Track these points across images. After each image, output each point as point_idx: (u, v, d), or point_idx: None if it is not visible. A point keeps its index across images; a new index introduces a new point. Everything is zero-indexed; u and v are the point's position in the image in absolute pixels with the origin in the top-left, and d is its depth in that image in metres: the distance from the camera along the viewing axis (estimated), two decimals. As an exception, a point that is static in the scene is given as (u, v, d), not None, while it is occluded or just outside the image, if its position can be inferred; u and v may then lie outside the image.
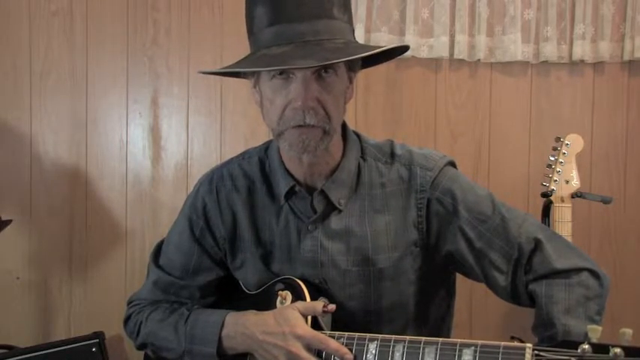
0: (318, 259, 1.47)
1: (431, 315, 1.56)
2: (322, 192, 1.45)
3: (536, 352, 1.09)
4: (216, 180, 1.57)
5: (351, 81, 1.45)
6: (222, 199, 1.55)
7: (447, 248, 1.45)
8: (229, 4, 2.76)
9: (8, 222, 2.48)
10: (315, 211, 1.46)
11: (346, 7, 1.38)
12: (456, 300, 1.63)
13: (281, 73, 1.34)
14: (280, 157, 1.49)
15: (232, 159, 1.60)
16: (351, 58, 1.31)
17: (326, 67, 1.33)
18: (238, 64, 1.38)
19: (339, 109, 1.40)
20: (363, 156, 1.49)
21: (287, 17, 1.31)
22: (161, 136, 2.83)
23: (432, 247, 1.47)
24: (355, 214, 1.46)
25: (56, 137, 2.82)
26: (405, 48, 1.44)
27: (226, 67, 1.40)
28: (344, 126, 1.49)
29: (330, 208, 1.46)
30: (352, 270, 1.46)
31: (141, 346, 1.63)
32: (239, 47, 1.42)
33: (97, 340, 2.56)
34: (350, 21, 1.40)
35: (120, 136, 2.83)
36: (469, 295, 2.71)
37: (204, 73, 1.47)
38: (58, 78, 2.80)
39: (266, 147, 1.57)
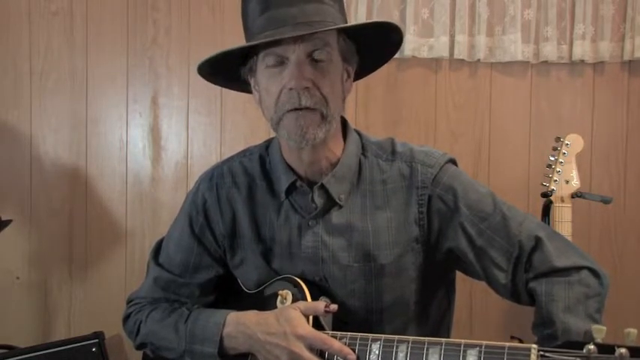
0: (319, 254, 1.47)
1: (431, 312, 1.56)
2: (322, 186, 1.45)
3: (541, 352, 1.08)
4: (216, 177, 1.57)
5: (349, 74, 1.46)
6: (222, 196, 1.55)
7: (448, 245, 1.45)
8: (229, 4, 2.76)
9: (8, 222, 2.48)
10: (315, 207, 1.46)
11: None
12: (456, 297, 1.63)
13: (275, 63, 1.35)
14: (281, 154, 1.49)
15: (233, 156, 1.61)
16: (339, 27, 1.35)
17: (320, 52, 1.34)
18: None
19: (335, 95, 1.39)
20: (364, 153, 1.50)
21: (277, 3, 1.33)
22: (161, 136, 2.82)
23: (432, 244, 1.47)
24: (356, 210, 1.47)
25: (56, 137, 2.82)
26: (394, 28, 1.42)
27: (217, 52, 1.39)
28: (345, 123, 1.50)
29: (331, 203, 1.46)
30: (354, 266, 1.46)
31: (140, 346, 1.63)
32: (239, 47, 1.42)
33: (97, 340, 2.57)
34: (341, 11, 1.41)
35: (120, 136, 2.83)
36: (469, 293, 2.71)
37: (200, 69, 1.43)
38: (58, 78, 2.80)
39: (267, 144, 1.57)
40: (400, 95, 2.78)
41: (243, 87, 1.50)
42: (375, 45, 1.46)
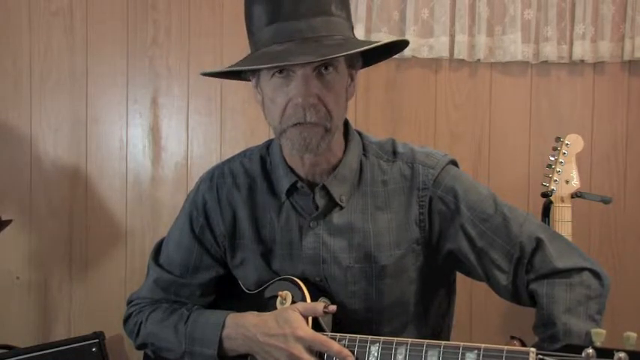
0: (320, 255, 1.47)
1: (431, 313, 1.56)
2: (324, 187, 1.45)
3: (540, 356, 1.08)
4: (217, 177, 1.57)
5: (352, 78, 1.46)
6: (222, 196, 1.55)
7: (449, 246, 1.46)
8: (229, 4, 2.75)
9: (8, 222, 2.48)
10: (317, 208, 1.46)
11: (344, 4, 1.38)
12: (456, 298, 1.63)
13: (281, 71, 1.34)
14: (282, 155, 1.49)
15: (234, 156, 1.61)
16: (349, 52, 1.32)
17: (326, 65, 1.34)
18: (239, 63, 1.38)
19: (340, 107, 1.40)
20: (365, 153, 1.50)
21: (285, 15, 1.32)
22: (161, 136, 2.82)
23: (433, 246, 1.47)
24: (357, 211, 1.47)
25: (56, 137, 2.82)
26: (405, 43, 1.44)
27: (227, 67, 1.40)
28: (346, 123, 1.50)
29: (332, 204, 1.46)
30: (354, 267, 1.46)
31: (141, 346, 1.63)
32: (239, 47, 1.42)
33: (97, 340, 2.57)
34: (348, 18, 1.40)
35: (120, 136, 2.82)
36: (469, 295, 2.71)
37: (205, 74, 1.47)
38: (58, 78, 2.80)
39: (268, 144, 1.57)
40: (400, 95, 2.78)
41: (243, 79, 1.50)
42: (380, 51, 1.45)
